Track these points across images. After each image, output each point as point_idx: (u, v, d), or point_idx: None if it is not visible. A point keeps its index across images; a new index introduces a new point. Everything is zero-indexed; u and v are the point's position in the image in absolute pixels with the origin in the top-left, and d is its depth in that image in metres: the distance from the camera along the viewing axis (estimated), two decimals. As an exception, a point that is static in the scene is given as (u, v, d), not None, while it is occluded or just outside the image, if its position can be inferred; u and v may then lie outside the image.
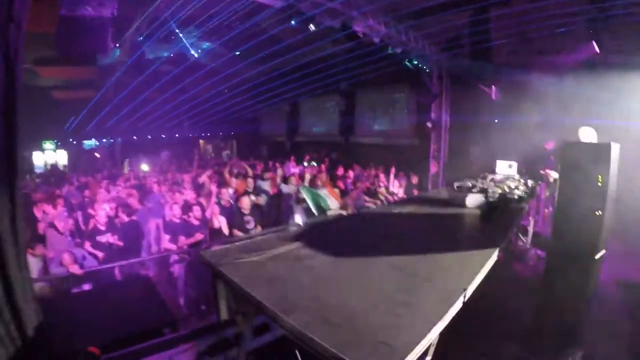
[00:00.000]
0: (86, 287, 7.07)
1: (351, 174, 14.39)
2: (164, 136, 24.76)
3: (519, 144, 12.47)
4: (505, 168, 10.53)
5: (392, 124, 20.62)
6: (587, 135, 6.18)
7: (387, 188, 12.69)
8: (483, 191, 7.02)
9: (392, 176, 13.28)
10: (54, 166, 22.35)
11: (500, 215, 5.78)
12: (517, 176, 9.76)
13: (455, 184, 8.38)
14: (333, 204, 10.01)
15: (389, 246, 4.43)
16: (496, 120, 14.69)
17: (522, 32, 12.51)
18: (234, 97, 21.28)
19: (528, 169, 10.68)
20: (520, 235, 8.93)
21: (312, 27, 11.26)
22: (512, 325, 5.40)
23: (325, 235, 4.88)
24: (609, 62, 11.28)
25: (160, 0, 9.94)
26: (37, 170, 20.80)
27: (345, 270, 3.72)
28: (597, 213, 4.93)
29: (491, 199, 6.46)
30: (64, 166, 22.56)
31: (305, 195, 9.86)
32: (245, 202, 9.61)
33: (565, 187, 5.29)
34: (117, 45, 12.09)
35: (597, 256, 5.00)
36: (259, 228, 9.86)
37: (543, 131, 12.15)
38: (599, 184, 4.96)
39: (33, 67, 15.60)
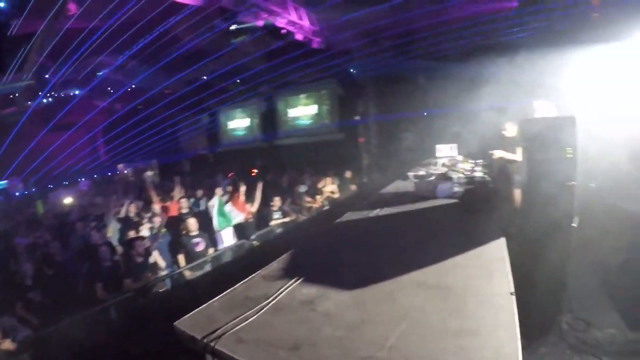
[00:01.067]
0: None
1: (285, 179, 13.93)
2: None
3: (453, 128, 12.61)
4: (447, 151, 10.42)
5: (317, 121, 20.16)
6: (545, 108, 6.22)
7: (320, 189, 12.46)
8: (446, 178, 6.80)
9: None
10: None
11: (484, 200, 5.51)
12: (461, 157, 9.68)
13: (410, 174, 8.08)
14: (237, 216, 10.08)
15: (394, 259, 3.85)
16: (425, 110, 14.75)
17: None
18: (151, 118, 20.23)
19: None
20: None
21: (234, 26, 10.80)
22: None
23: (316, 261, 4.03)
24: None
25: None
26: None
27: (371, 306, 2.92)
28: (570, 183, 5.00)
29: (467, 187, 6.22)
30: None
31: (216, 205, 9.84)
32: (193, 224, 8.96)
33: (532, 162, 5.31)
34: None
35: (574, 224, 5.14)
36: (211, 250, 9.25)
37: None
38: (568, 156, 5.01)
39: None
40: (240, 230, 10.34)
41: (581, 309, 5.60)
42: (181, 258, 8.67)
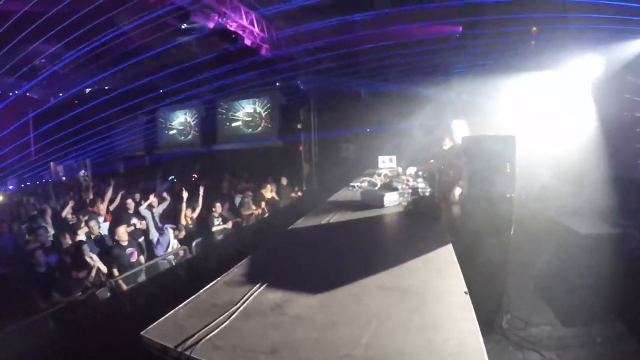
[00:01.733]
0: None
1: (225, 185, 13.82)
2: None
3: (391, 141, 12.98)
4: (387, 162, 10.76)
5: (256, 128, 20.12)
6: (460, 126, 6.84)
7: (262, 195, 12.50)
8: (391, 188, 7.07)
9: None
10: None
11: (428, 209, 5.79)
12: (400, 169, 10.00)
13: (355, 184, 8.35)
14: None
15: (352, 264, 3.98)
16: (366, 126, 15.09)
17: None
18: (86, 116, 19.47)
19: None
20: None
21: (184, 25, 10.67)
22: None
23: (277, 267, 4.05)
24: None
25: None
26: None
27: (339, 308, 3.02)
28: (508, 196, 5.59)
29: (413, 197, 6.52)
30: None
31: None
32: (122, 233, 8.65)
33: (473, 175, 5.73)
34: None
35: (512, 232, 5.71)
36: (142, 259, 9.04)
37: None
38: (508, 171, 5.57)
39: None
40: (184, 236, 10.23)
41: (519, 309, 6.39)
42: (115, 271, 8.31)
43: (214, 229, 10.80)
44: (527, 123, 9.77)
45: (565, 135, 9.18)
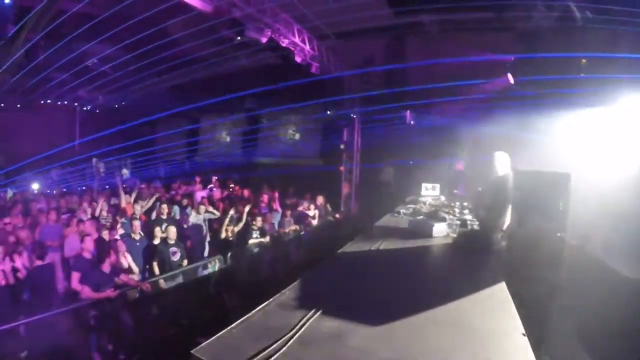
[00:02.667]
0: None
1: (265, 197, 13.82)
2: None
3: (435, 167, 12.91)
4: (430, 190, 10.67)
5: (297, 144, 20.18)
6: (501, 159, 6.64)
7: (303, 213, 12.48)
8: (439, 218, 6.99)
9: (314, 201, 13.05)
10: None
11: (478, 242, 5.70)
12: (443, 198, 9.94)
13: (402, 210, 8.31)
14: None
15: (407, 295, 3.94)
16: (410, 143, 14.98)
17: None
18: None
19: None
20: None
21: (238, 38, 10.83)
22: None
23: (330, 292, 3.96)
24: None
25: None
26: None
27: (401, 343, 2.91)
28: (559, 234, 5.31)
29: (461, 228, 6.45)
30: None
31: None
32: (172, 232, 8.82)
33: (523, 211, 5.60)
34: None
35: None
36: (186, 262, 9.13)
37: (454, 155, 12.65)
38: (560, 209, 5.33)
39: None
40: (222, 245, 10.27)
41: (557, 352, 5.85)
42: (155, 266, 8.50)
43: (251, 241, 10.74)
44: (575, 159, 9.57)
45: (615, 173, 8.93)
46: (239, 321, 3.16)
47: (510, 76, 11.48)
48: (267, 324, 3.16)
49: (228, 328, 3.03)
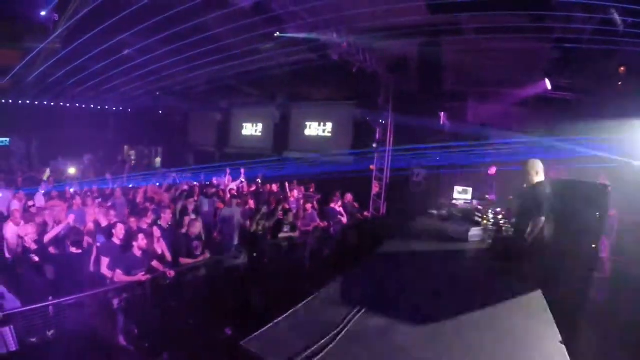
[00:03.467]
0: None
1: (295, 193, 13.89)
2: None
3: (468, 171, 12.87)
4: (463, 193, 10.65)
5: (328, 140, 20.24)
6: (536, 166, 6.59)
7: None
8: (474, 223, 7.03)
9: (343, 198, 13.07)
10: None
11: (515, 249, 5.70)
12: (475, 202, 9.89)
13: (435, 212, 8.35)
14: None
15: (446, 297, 4.04)
16: (443, 145, 14.88)
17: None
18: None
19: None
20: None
21: (277, 34, 10.95)
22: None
23: (372, 289, 4.08)
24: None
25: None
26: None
27: (442, 343, 3.02)
28: (593, 246, 5.28)
29: (496, 234, 6.46)
30: None
31: None
32: (197, 227, 8.87)
33: (559, 220, 5.51)
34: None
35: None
36: (207, 254, 9.21)
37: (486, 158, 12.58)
38: (596, 220, 5.31)
39: None
40: (251, 238, 10.38)
41: None
42: (182, 258, 8.59)
43: (281, 235, 10.84)
44: (607, 169, 9.44)
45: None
46: (284, 315, 3.26)
47: (547, 81, 11.31)
48: (313, 319, 3.28)
49: (274, 322, 3.13)
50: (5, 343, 5.59)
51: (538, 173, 6.71)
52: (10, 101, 18.21)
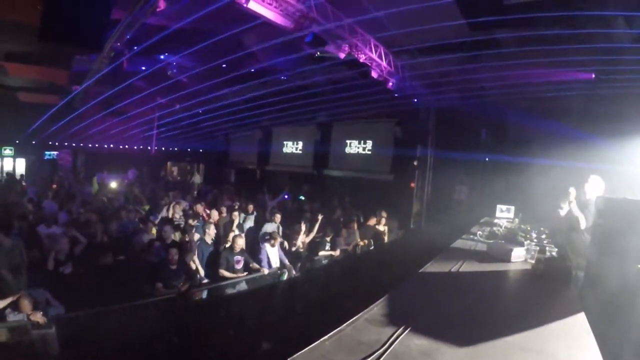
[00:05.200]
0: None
1: (338, 212, 13.93)
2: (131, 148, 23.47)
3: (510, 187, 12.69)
4: (505, 212, 10.54)
5: (369, 158, 20.25)
6: (597, 183, 6.40)
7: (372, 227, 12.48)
8: (517, 242, 6.98)
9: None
10: (10, 175, 20.47)
11: (558, 270, 5.64)
12: (517, 221, 9.80)
13: (478, 232, 8.30)
14: None
15: (489, 319, 4.04)
16: (485, 162, 14.77)
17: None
18: (208, 119, 20.59)
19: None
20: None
21: (317, 53, 11.16)
22: None
23: (417, 310, 4.12)
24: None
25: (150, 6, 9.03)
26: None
27: None
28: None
29: (540, 254, 6.41)
30: (21, 175, 20.57)
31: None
32: (239, 243, 9.04)
33: (605, 240, 5.34)
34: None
35: None
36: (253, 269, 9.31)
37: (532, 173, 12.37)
38: None
39: (2, 63, 14.03)
40: (292, 255, 10.49)
41: None
42: (223, 272, 8.69)
43: (321, 253, 10.93)
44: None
45: None
46: (330, 333, 3.34)
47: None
48: (358, 338, 3.34)
49: (321, 340, 3.22)
50: (48, 347, 5.87)
51: (591, 190, 6.58)
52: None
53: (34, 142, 21.80)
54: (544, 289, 5.17)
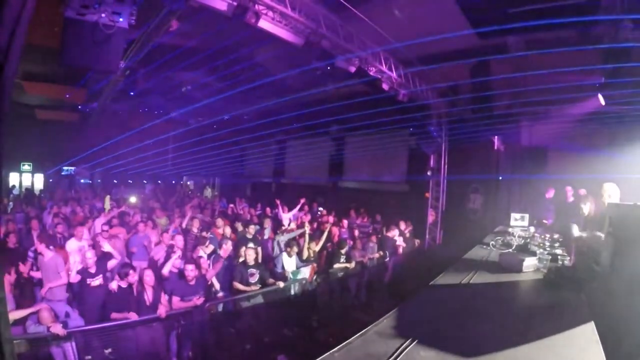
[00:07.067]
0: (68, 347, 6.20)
1: (345, 222, 13.94)
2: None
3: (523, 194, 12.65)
4: (519, 220, 10.52)
5: (383, 169, 20.28)
6: (613, 191, 6.32)
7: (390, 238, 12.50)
8: (529, 252, 6.99)
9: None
10: (29, 190, 20.86)
11: (569, 279, 5.63)
12: (532, 229, 9.78)
13: (491, 242, 8.31)
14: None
15: (497, 331, 4.06)
16: (498, 170, 14.73)
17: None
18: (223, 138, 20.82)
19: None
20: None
21: (328, 68, 11.28)
22: None
23: (424, 322, 4.16)
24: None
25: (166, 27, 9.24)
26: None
27: None
28: None
29: (552, 263, 6.42)
30: (40, 191, 21.20)
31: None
32: (251, 255, 9.17)
33: (618, 249, 5.18)
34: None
35: None
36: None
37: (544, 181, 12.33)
38: None
39: (20, 81, 14.55)
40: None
41: None
42: (237, 285, 8.78)
43: (336, 265, 10.91)
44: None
45: None
46: (340, 346, 3.43)
47: (600, 97, 11.00)
48: (367, 350, 3.42)
49: (330, 352, 3.30)
50: (66, 358, 6.03)
51: (610, 197, 6.51)
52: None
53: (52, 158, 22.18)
54: (554, 299, 5.17)
